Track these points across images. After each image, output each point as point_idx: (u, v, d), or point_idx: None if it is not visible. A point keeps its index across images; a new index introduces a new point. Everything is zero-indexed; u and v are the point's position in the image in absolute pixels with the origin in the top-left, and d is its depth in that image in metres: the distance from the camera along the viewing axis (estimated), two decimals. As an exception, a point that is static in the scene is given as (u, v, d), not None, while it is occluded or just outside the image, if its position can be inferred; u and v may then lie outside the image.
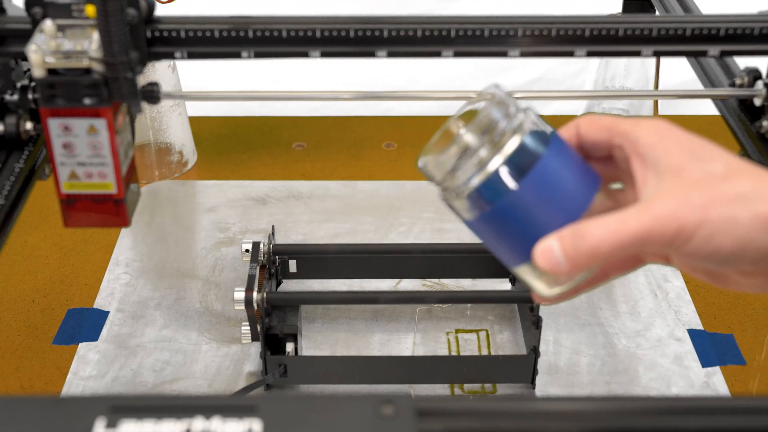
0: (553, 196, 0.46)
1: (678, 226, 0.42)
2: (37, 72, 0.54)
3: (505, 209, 0.46)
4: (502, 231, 0.47)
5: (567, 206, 0.46)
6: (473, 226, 0.48)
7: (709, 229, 0.42)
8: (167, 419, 0.34)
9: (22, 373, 0.77)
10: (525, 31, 0.63)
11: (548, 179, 0.46)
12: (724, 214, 0.41)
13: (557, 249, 0.44)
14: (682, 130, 0.45)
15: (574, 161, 0.47)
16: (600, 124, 0.47)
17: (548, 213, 0.46)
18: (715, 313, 0.84)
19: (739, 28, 0.63)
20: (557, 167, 0.46)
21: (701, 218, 0.42)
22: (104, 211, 0.60)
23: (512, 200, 0.46)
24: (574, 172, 0.46)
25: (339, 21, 0.62)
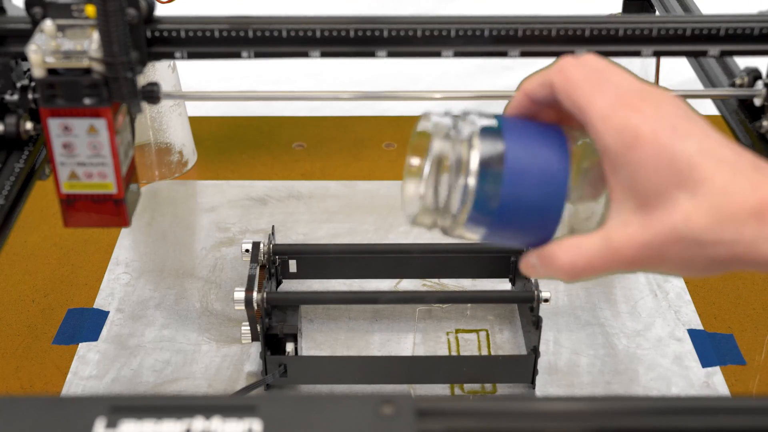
0: (534, 174, 0.46)
1: (634, 265, 0.42)
2: (37, 72, 0.54)
3: (503, 212, 0.46)
4: (515, 228, 0.47)
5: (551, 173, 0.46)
6: (488, 239, 0.48)
7: (665, 267, 0.41)
8: (167, 419, 0.34)
9: (22, 373, 0.77)
10: (525, 31, 0.63)
11: (522, 164, 0.46)
12: (679, 257, 0.41)
13: (538, 267, 0.45)
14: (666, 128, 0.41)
15: (534, 136, 0.47)
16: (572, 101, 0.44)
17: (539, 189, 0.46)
18: (715, 313, 0.84)
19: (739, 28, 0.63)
20: (523, 149, 0.46)
21: (658, 260, 0.41)
22: (104, 211, 0.60)
23: (504, 202, 0.46)
24: (540, 142, 0.46)
25: (339, 21, 0.62)
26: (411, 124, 0.51)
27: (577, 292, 0.85)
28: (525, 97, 0.47)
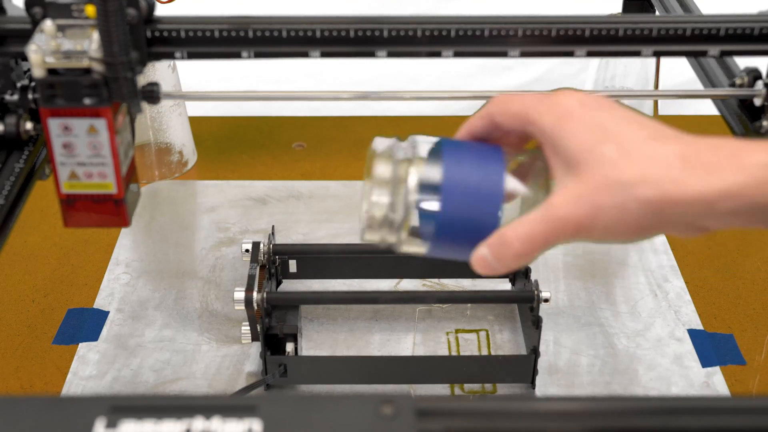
0: (469, 191, 0.50)
1: (575, 225, 0.45)
2: (37, 72, 0.54)
3: (442, 226, 0.51)
4: (456, 240, 0.51)
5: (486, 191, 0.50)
6: (434, 253, 0.53)
7: (603, 221, 0.45)
8: (167, 419, 0.34)
9: (22, 373, 0.77)
10: (525, 31, 0.63)
11: (457, 181, 0.50)
12: (612, 204, 0.44)
13: (489, 256, 0.49)
14: (592, 104, 0.47)
15: (469, 156, 0.51)
16: (512, 113, 0.50)
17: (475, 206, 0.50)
18: (715, 313, 0.84)
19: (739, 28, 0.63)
20: (459, 167, 0.51)
21: (592, 214, 0.45)
22: (104, 211, 0.60)
23: (442, 217, 0.50)
24: (476, 163, 0.51)
25: (339, 21, 0.62)
26: (411, 124, 0.53)
27: (577, 292, 0.85)
28: (468, 134, 0.53)
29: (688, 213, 0.44)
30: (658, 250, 0.90)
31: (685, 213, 0.44)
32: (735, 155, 0.43)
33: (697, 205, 0.43)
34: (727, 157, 0.43)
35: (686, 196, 0.43)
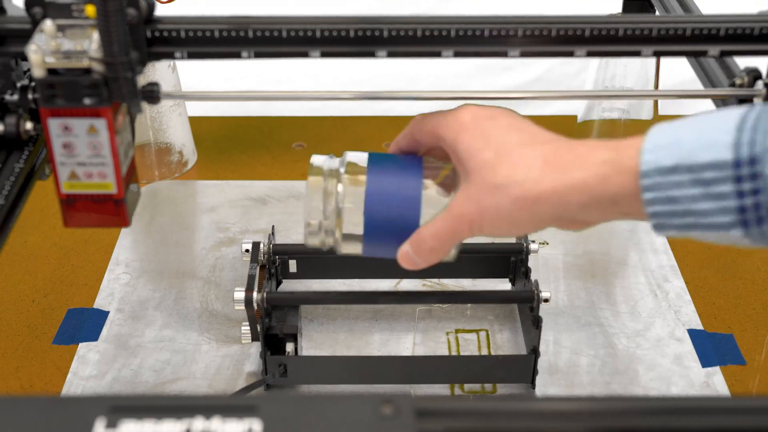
0: (390, 200, 0.58)
1: (468, 221, 0.53)
2: (37, 72, 0.54)
3: (370, 229, 0.58)
4: (383, 240, 0.59)
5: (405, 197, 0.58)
6: (367, 253, 0.60)
7: (488, 218, 0.52)
8: (167, 419, 0.34)
9: (22, 373, 0.77)
10: (525, 31, 0.63)
11: (378, 193, 0.58)
12: (491, 204, 0.51)
13: (410, 252, 0.57)
14: (483, 116, 0.55)
15: (391, 167, 0.60)
16: (426, 130, 0.58)
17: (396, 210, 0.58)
18: (715, 313, 0.84)
19: (739, 28, 0.63)
20: (379, 181, 0.59)
21: (479, 211, 0.52)
22: (104, 211, 0.60)
23: (368, 220, 0.58)
24: (396, 175, 0.59)
25: (339, 21, 0.62)
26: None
27: (578, 292, 0.85)
28: (397, 151, 0.61)
29: (550, 207, 0.50)
30: (658, 250, 0.90)
31: (548, 207, 0.50)
32: (583, 155, 0.49)
33: (553, 199, 0.49)
34: (578, 156, 0.49)
35: (543, 193, 0.50)
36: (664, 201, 0.47)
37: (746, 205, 0.45)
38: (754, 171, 0.44)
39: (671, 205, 0.47)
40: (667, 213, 0.47)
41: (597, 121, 1.04)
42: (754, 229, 0.45)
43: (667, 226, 0.48)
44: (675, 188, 0.46)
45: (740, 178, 0.44)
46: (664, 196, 0.46)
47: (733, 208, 0.45)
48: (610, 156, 0.48)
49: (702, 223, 0.46)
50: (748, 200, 0.45)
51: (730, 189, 0.45)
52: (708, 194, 0.45)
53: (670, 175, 0.46)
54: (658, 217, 0.47)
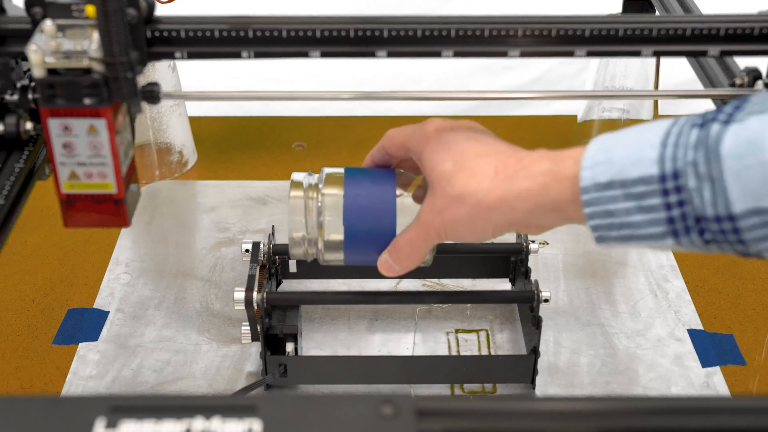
0: (366, 211, 0.62)
1: (435, 229, 0.57)
2: (37, 72, 0.54)
3: (349, 239, 0.63)
4: (363, 252, 0.63)
5: (380, 211, 0.62)
6: (349, 262, 0.65)
7: (450, 226, 0.56)
8: (167, 419, 0.34)
9: (22, 373, 0.77)
10: (525, 31, 0.63)
11: (356, 206, 0.63)
12: (451, 214, 0.55)
13: (389, 260, 0.62)
14: (446, 128, 0.58)
15: (366, 181, 0.64)
16: (397, 144, 0.62)
17: (372, 220, 0.63)
18: (715, 313, 0.84)
19: (739, 28, 0.63)
20: (356, 194, 0.63)
21: (442, 220, 0.56)
22: (104, 211, 0.61)
23: (348, 231, 0.62)
24: (371, 188, 0.63)
25: (339, 21, 0.62)
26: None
27: (577, 293, 0.85)
28: (371, 164, 0.65)
29: (501, 214, 0.54)
30: (658, 250, 0.90)
31: (499, 214, 0.54)
32: (528, 165, 0.53)
33: (503, 207, 0.53)
34: (524, 167, 0.53)
35: (494, 201, 0.53)
36: (602, 215, 0.50)
37: (674, 216, 0.48)
38: (678, 184, 0.47)
39: (609, 219, 0.50)
40: (605, 226, 0.50)
41: (597, 121, 1.04)
42: (683, 238, 0.48)
43: (607, 238, 0.51)
44: (611, 202, 0.49)
45: (666, 191, 0.47)
46: (602, 210, 0.50)
47: (663, 219, 0.48)
48: (550, 166, 0.52)
49: (637, 234, 0.49)
50: (676, 212, 0.48)
51: (658, 202, 0.48)
52: (640, 207, 0.48)
53: (605, 190, 0.49)
54: (598, 230, 0.50)
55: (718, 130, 0.46)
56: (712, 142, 0.46)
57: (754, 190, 0.45)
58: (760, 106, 0.46)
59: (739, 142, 0.45)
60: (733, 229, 0.47)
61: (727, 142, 0.46)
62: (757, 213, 0.46)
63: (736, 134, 0.46)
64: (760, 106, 0.46)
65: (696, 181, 0.47)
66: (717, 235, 0.48)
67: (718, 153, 0.46)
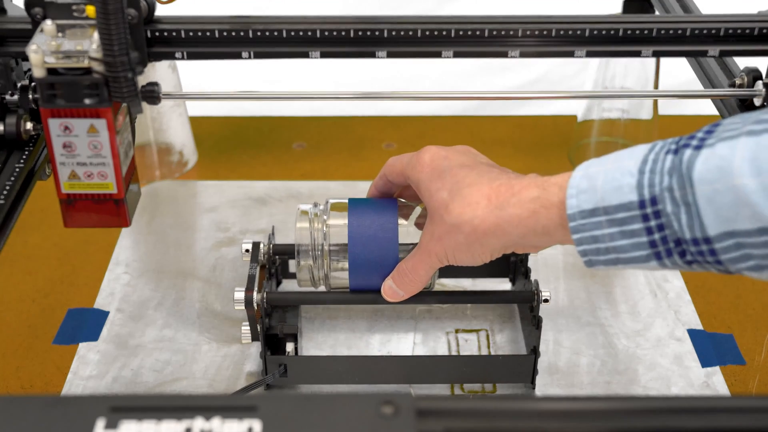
0: (370, 241, 0.67)
1: (436, 255, 0.61)
2: (38, 72, 0.54)
3: (354, 265, 0.67)
4: (368, 278, 0.68)
5: (383, 240, 0.67)
6: (355, 285, 0.69)
7: (450, 252, 0.59)
8: (167, 419, 0.34)
9: (22, 373, 0.77)
10: (525, 31, 0.63)
11: (360, 236, 0.67)
12: (450, 241, 0.59)
13: (394, 286, 0.66)
14: (440, 157, 0.61)
15: (369, 211, 0.68)
16: (397, 172, 0.65)
17: (376, 249, 0.67)
18: (715, 313, 0.84)
19: (739, 28, 0.63)
20: (359, 224, 0.67)
21: (443, 247, 0.60)
22: (104, 211, 0.61)
23: (352, 258, 0.67)
24: (374, 218, 0.67)
25: (339, 21, 0.62)
26: (411, 124, 0.58)
27: (577, 293, 0.85)
28: (376, 191, 0.70)
29: (497, 239, 0.57)
30: (658, 250, 0.90)
31: (494, 239, 0.57)
32: (517, 193, 0.56)
33: (497, 232, 0.56)
34: (514, 194, 0.56)
35: (488, 228, 0.56)
36: (589, 240, 0.52)
37: (656, 240, 0.50)
38: (656, 209, 0.49)
39: (596, 244, 0.52)
40: (593, 251, 0.53)
41: (597, 121, 1.04)
42: (666, 260, 0.50)
43: (596, 262, 0.53)
44: (596, 228, 0.52)
45: (647, 216, 0.49)
46: (589, 235, 0.52)
47: (646, 243, 0.50)
48: (538, 194, 0.55)
49: (623, 258, 0.52)
50: (657, 235, 0.50)
51: (639, 226, 0.50)
52: (623, 232, 0.51)
53: (590, 217, 0.51)
54: (587, 254, 0.53)
55: (690, 156, 0.48)
56: (684, 168, 0.48)
57: (725, 213, 0.46)
58: (730, 131, 0.47)
59: (710, 167, 0.47)
60: (710, 251, 0.48)
61: (698, 167, 0.47)
62: (730, 236, 0.47)
63: (706, 160, 0.47)
64: (730, 132, 0.47)
65: (672, 206, 0.48)
66: (696, 256, 0.49)
67: (690, 178, 0.47)
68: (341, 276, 0.69)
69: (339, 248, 0.68)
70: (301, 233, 0.69)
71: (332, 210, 0.69)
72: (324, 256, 0.69)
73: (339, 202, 0.70)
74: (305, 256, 0.69)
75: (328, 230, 0.68)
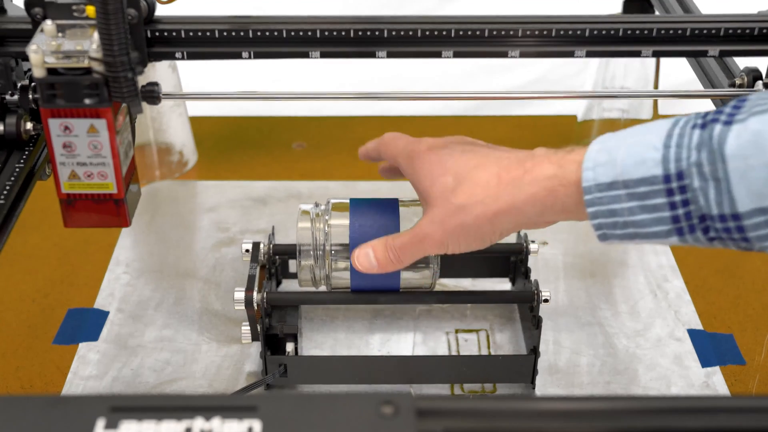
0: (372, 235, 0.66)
1: (433, 242, 0.59)
2: (38, 72, 0.54)
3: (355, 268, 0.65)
4: (370, 278, 0.67)
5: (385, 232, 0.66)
6: (355, 286, 0.70)
7: (454, 237, 0.58)
8: (167, 419, 0.34)
9: (22, 373, 0.77)
10: (525, 31, 0.63)
11: (361, 235, 0.67)
12: (456, 224, 0.57)
13: (372, 255, 0.63)
14: (438, 145, 0.60)
15: (370, 210, 0.69)
16: (390, 155, 0.65)
17: None
18: (715, 313, 0.84)
19: (739, 28, 0.63)
20: (361, 224, 0.68)
21: (443, 232, 0.58)
22: (104, 211, 0.61)
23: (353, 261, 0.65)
24: (374, 217, 0.68)
25: (339, 21, 0.62)
26: (411, 124, 0.58)
27: (577, 292, 0.85)
28: (364, 154, 0.69)
29: (510, 218, 0.55)
30: (657, 250, 0.90)
31: (507, 219, 0.55)
32: (531, 170, 0.54)
33: (512, 212, 0.55)
34: (527, 171, 0.54)
35: (501, 208, 0.55)
36: (606, 214, 0.51)
37: (678, 215, 0.49)
38: (682, 184, 0.48)
39: (612, 218, 0.51)
40: (609, 224, 0.51)
41: (597, 121, 1.04)
42: (688, 236, 0.49)
43: (610, 236, 0.52)
44: (614, 202, 0.50)
45: (671, 191, 0.49)
46: (606, 209, 0.51)
47: (668, 218, 0.49)
48: (555, 171, 0.53)
49: (642, 233, 0.51)
50: (680, 210, 0.49)
51: (662, 201, 0.49)
52: (644, 206, 0.50)
53: (608, 190, 0.50)
54: (602, 228, 0.52)
55: (720, 131, 0.47)
56: (715, 144, 0.47)
57: (758, 189, 0.46)
58: (760, 106, 0.47)
59: (742, 143, 0.46)
60: (738, 228, 0.48)
61: (730, 143, 0.46)
62: (762, 212, 0.47)
63: (739, 135, 0.46)
64: (761, 107, 0.47)
65: (700, 181, 0.47)
66: (721, 233, 0.48)
67: (722, 154, 0.46)
68: (342, 276, 0.69)
69: (340, 248, 0.68)
70: (302, 233, 0.69)
71: (334, 210, 0.69)
72: (325, 256, 0.69)
73: (340, 202, 0.70)
74: (306, 256, 0.69)
75: (330, 230, 0.68)
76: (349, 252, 0.68)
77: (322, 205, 0.71)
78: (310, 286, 0.72)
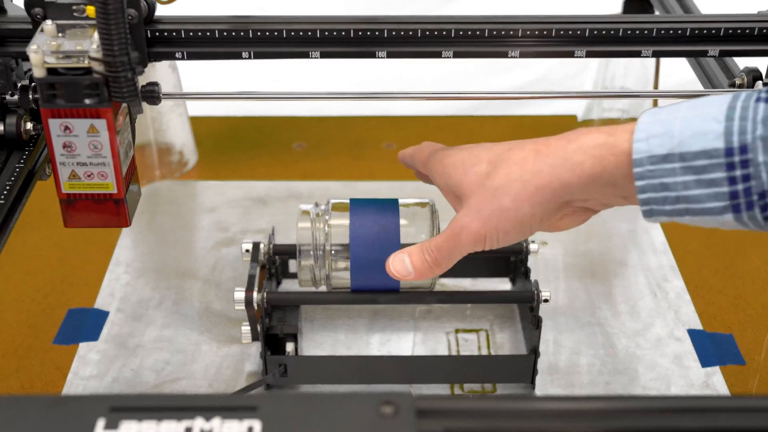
0: (372, 241, 0.67)
1: (470, 233, 0.55)
2: (38, 72, 0.54)
3: (355, 263, 0.68)
4: (369, 272, 0.68)
5: (384, 240, 0.67)
6: (356, 285, 0.70)
7: (492, 226, 0.54)
8: (167, 419, 0.34)
9: (22, 373, 0.77)
10: (525, 31, 0.63)
11: (361, 236, 0.68)
12: (493, 209, 0.53)
13: (407, 261, 0.59)
14: (462, 146, 0.58)
15: (371, 210, 0.69)
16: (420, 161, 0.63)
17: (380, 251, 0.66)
18: (715, 313, 0.84)
19: (739, 28, 0.63)
20: (361, 224, 0.68)
21: (481, 219, 0.54)
22: (104, 211, 0.61)
23: (353, 256, 0.68)
24: (375, 217, 0.68)
25: (339, 21, 0.62)
26: (411, 124, 0.58)
27: (577, 293, 0.85)
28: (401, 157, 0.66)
29: (552, 192, 0.52)
30: (657, 250, 0.90)
31: (550, 193, 0.52)
32: (576, 140, 0.52)
33: (554, 184, 0.51)
34: (570, 141, 0.52)
35: (542, 181, 0.52)
36: (656, 188, 0.48)
37: (738, 191, 0.47)
38: (745, 158, 0.46)
39: (664, 192, 0.48)
40: (659, 199, 0.49)
41: (597, 121, 1.04)
42: (744, 213, 0.47)
43: (658, 212, 0.49)
44: (667, 175, 0.48)
45: (732, 165, 0.46)
46: (657, 182, 0.48)
47: (725, 193, 0.47)
48: (605, 139, 0.50)
49: (694, 208, 0.48)
50: (740, 186, 0.47)
51: (721, 175, 0.47)
52: (700, 181, 0.47)
53: (662, 163, 0.48)
54: (649, 203, 0.49)
55: None
56: None
57: None
58: None
59: None
60: None
61: None
62: None
63: None
64: None
65: (765, 156, 0.46)
66: None
67: None
68: (342, 276, 0.69)
69: (341, 248, 0.68)
70: (302, 233, 0.70)
71: (334, 210, 0.70)
72: (326, 256, 0.69)
73: (340, 202, 0.70)
74: (307, 257, 0.69)
75: (330, 230, 0.69)
76: (348, 252, 0.68)
77: (322, 205, 0.71)
78: (310, 286, 0.72)
